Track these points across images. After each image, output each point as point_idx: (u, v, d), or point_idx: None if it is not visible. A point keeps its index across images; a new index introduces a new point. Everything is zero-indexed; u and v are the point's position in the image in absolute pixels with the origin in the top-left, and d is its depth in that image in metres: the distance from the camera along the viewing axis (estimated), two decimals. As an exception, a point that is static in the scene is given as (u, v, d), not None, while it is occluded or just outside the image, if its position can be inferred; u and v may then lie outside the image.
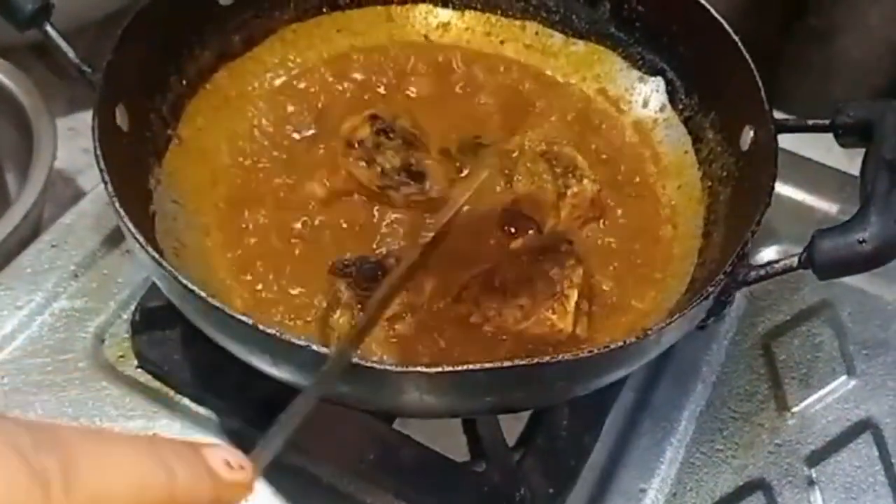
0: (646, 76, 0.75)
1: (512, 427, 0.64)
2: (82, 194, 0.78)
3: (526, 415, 0.66)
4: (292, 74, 0.75)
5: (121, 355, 0.68)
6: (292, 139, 0.71)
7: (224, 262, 0.63)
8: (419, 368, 0.48)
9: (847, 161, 0.72)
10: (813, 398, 0.71)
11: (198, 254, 0.63)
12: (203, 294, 0.49)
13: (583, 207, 0.67)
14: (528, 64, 0.78)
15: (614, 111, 0.75)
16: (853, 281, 0.75)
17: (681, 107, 0.72)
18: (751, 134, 0.63)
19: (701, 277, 0.62)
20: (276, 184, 0.68)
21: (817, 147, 0.77)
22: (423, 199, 0.67)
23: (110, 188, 0.54)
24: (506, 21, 0.79)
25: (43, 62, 0.89)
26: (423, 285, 0.61)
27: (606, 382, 0.55)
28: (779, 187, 0.59)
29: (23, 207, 0.72)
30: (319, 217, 0.66)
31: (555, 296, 0.60)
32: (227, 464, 0.25)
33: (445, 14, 0.80)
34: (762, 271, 0.55)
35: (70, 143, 0.83)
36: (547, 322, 0.60)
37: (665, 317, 0.56)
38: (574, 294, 0.60)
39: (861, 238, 0.51)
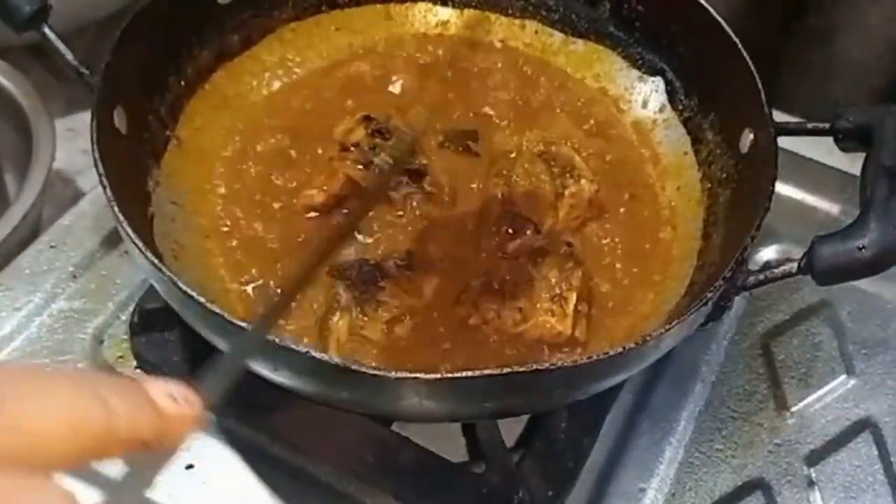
0: (645, 76, 0.75)
1: (511, 429, 0.64)
2: (81, 195, 0.78)
3: (525, 417, 0.66)
4: (291, 74, 0.75)
5: (119, 356, 0.68)
6: (291, 139, 0.71)
7: (223, 264, 0.63)
8: (418, 375, 0.48)
9: (848, 161, 0.72)
10: (812, 398, 0.71)
11: (196, 255, 0.63)
12: (201, 299, 0.49)
13: (581, 208, 0.67)
14: (528, 63, 0.78)
15: (614, 111, 0.75)
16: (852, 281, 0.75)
17: (680, 107, 0.72)
18: (750, 137, 0.63)
19: (700, 280, 0.62)
20: (276, 185, 0.67)
21: (818, 147, 0.77)
22: (422, 197, 0.66)
23: (109, 193, 0.54)
24: (505, 20, 0.79)
25: (41, 63, 0.89)
26: (423, 288, 0.61)
27: (605, 387, 0.55)
28: (779, 187, 0.59)
29: (21, 208, 0.72)
30: (318, 219, 0.66)
31: (553, 298, 0.60)
32: (171, 397, 0.24)
33: (444, 12, 0.80)
34: (761, 276, 0.55)
35: (69, 144, 0.83)
36: (546, 324, 0.60)
37: (664, 319, 0.57)
38: (573, 296, 0.60)
39: (861, 245, 0.51)
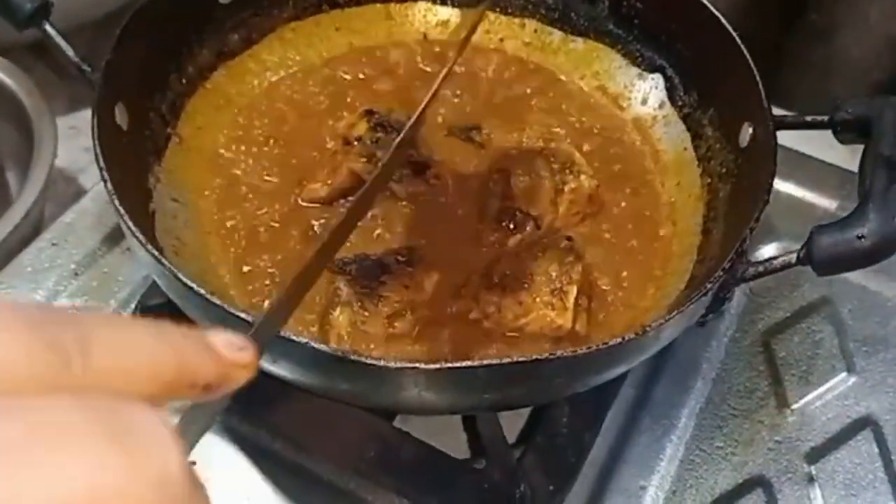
0: (645, 73, 0.75)
1: (512, 424, 0.64)
2: (83, 193, 0.78)
3: (526, 412, 0.66)
4: (292, 72, 0.75)
5: (121, 354, 0.68)
6: (292, 137, 0.71)
7: (224, 260, 0.64)
8: (418, 365, 0.48)
9: (847, 158, 0.72)
10: (813, 395, 0.71)
11: (197, 251, 0.63)
12: (203, 291, 0.50)
13: (581, 203, 0.67)
14: (528, 61, 0.78)
15: (613, 108, 0.76)
16: (853, 277, 0.75)
17: (680, 104, 0.73)
18: (750, 131, 0.63)
19: (700, 274, 0.62)
20: (277, 182, 0.68)
21: (818, 144, 0.77)
22: (426, 190, 0.67)
23: (110, 186, 0.54)
24: (505, 18, 0.79)
25: (43, 61, 0.89)
26: (423, 283, 0.61)
27: (606, 379, 0.55)
28: (778, 184, 0.59)
29: (23, 206, 0.72)
30: (320, 214, 0.66)
31: (554, 292, 0.60)
32: (230, 345, 0.26)
33: (444, 12, 0.80)
34: (761, 268, 0.55)
35: (71, 142, 0.83)
36: (546, 318, 0.60)
37: (664, 313, 0.57)
38: (573, 290, 0.60)
39: (860, 234, 0.51)
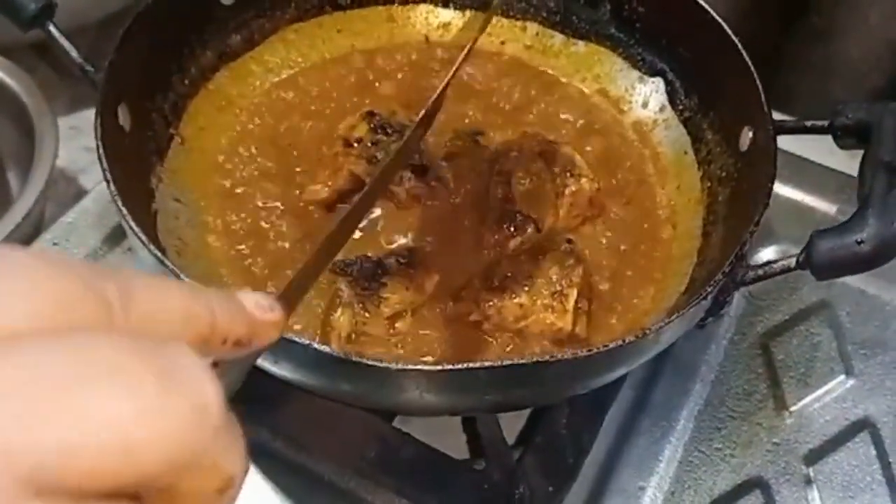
0: (646, 77, 0.75)
1: (511, 425, 0.65)
2: (84, 193, 0.79)
3: (525, 413, 0.66)
4: (294, 74, 0.76)
5: (122, 353, 0.68)
6: (294, 139, 0.71)
7: (226, 260, 0.64)
8: (420, 367, 0.48)
9: (846, 162, 0.72)
10: (811, 397, 0.72)
11: (199, 252, 0.63)
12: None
13: (581, 206, 0.68)
14: (529, 64, 0.79)
15: (614, 111, 0.76)
16: (852, 281, 0.76)
17: (680, 107, 0.73)
18: (750, 135, 0.64)
19: (700, 277, 0.62)
20: (278, 183, 0.68)
21: (818, 148, 0.77)
22: (427, 192, 0.67)
23: (113, 187, 0.54)
24: (506, 21, 0.80)
25: (45, 61, 0.89)
26: (424, 284, 0.62)
27: (606, 381, 0.55)
28: (778, 188, 0.59)
29: (24, 206, 0.72)
30: (321, 215, 0.66)
31: (554, 295, 0.60)
32: (260, 305, 0.28)
33: (446, 14, 0.80)
34: (760, 271, 0.55)
35: (72, 143, 0.83)
36: (546, 321, 0.60)
37: (664, 316, 0.57)
38: (573, 293, 0.61)
39: (859, 239, 0.51)
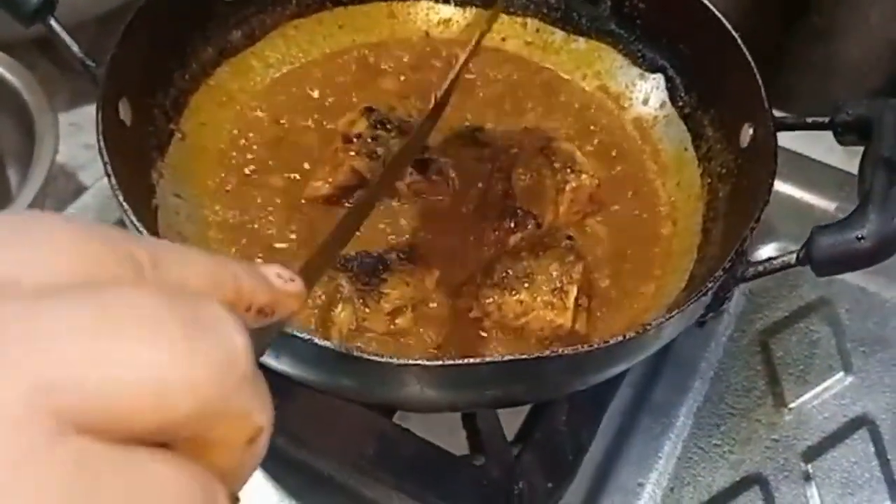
0: (646, 73, 0.75)
1: (511, 422, 0.65)
2: (83, 189, 0.79)
3: (525, 409, 0.66)
4: (294, 70, 0.76)
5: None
6: (294, 134, 0.71)
7: (226, 256, 0.64)
8: (420, 362, 0.48)
9: (846, 159, 0.72)
10: (810, 394, 0.72)
11: (200, 247, 0.63)
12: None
13: (581, 202, 0.68)
14: (529, 60, 0.79)
15: (614, 107, 0.76)
16: (851, 278, 0.76)
17: (681, 104, 0.73)
18: (750, 131, 0.64)
19: (700, 274, 0.62)
20: (279, 179, 0.68)
21: (817, 146, 0.78)
22: (427, 187, 0.67)
23: (114, 181, 0.54)
24: (507, 17, 0.80)
25: (46, 57, 0.89)
26: (424, 280, 0.62)
27: (606, 377, 0.55)
28: (778, 185, 0.59)
29: (24, 202, 0.72)
30: (321, 211, 0.66)
31: (554, 291, 0.60)
32: (280, 276, 0.29)
33: (447, 10, 0.80)
34: (760, 268, 0.55)
35: (72, 139, 0.83)
36: (546, 317, 0.60)
37: (664, 313, 0.57)
38: (574, 290, 0.61)
39: (859, 235, 0.51)
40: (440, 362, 0.48)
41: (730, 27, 0.66)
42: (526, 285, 0.60)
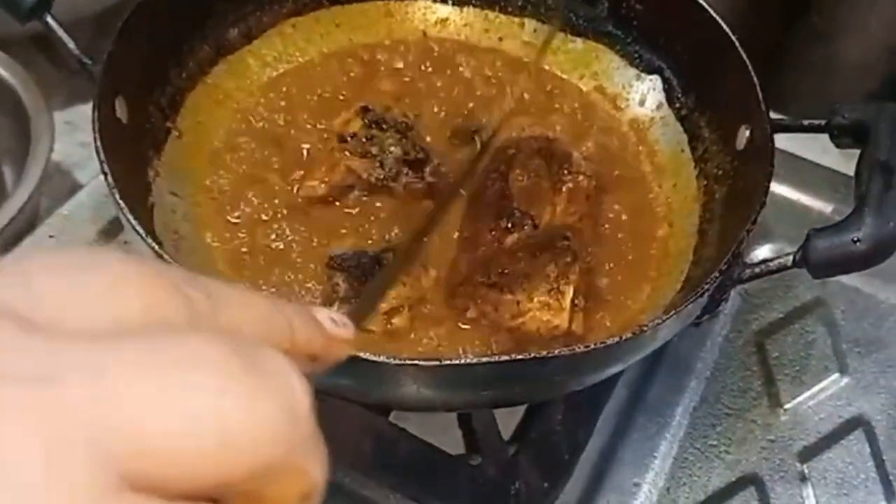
0: (643, 74, 0.75)
1: (507, 421, 0.65)
2: (79, 187, 0.78)
3: (521, 409, 0.66)
4: (291, 68, 0.76)
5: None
6: (291, 133, 0.71)
7: (222, 254, 0.64)
8: (417, 361, 0.48)
9: (842, 161, 0.72)
10: (805, 395, 0.72)
11: (196, 246, 0.63)
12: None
13: (578, 203, 0.68)
14: (526, 61, 0.79)
15: (611, 108, 0.76)
16: (847, 279, 0.76)
17: (677, 105, 0.73)
18: (747, 133, 0.64)
19: (696, 275, 0.62)
20: (275, 178, 0.68)
21: (813, 147, 0.78)
22: (423, 187, 0.67)
23: (110, 179, 0.54)
24: (504, 18, 0.80)
25: (42, 55, 0.89)
26: (421, 280, 0.62)
27: (602, 377, 0.56)
28: (774, 187, 0.59)
29: (19, 200, 0.72)
30: (318, 211, 0.66)
31: (551, 292, 0.60)
32: (333, 321, 0.28)
33: (444, 10, 0.80)
34: (757, 269, 0.55)
35: (67, 137, 0.83)
36: (543, 318, 0.60)
37: (660, 314, 0.57)
38: (570, 290, 0.61)
39: (856, 237, 0.51)
40: (436, 362, 0.48)
41: (727, 29, 0.66)
42: (522, 286, 0.60)
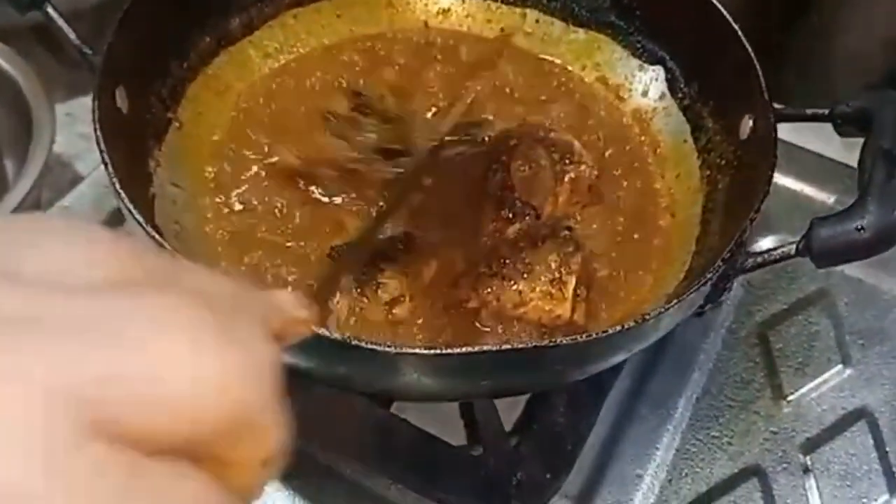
0: (646, 65, 0.75)
1: (509, 412, 0.65)
2: (80, 179, 0.78)
3: (523, 400, 0.66)
4: (292, 59, 0.75)
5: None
6: (292, 124, 0.71)
7: (222, 244, 0.64)
8: (417, 350, 0.48)
9: (845, 152, 0.72)
10: (808, 387, 0.72)
11: (197, 236, 0.63)
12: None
13: (580, 193, 0.68)
14: (529, 51, 0.78)
15: (614, 99, 0.76)
16: (850, 270, 0.76)
17: (680, 95, 0.73)
18: (750, 123, 0.64)
19: (698, 266, 0.62)
20: (276, 168, 0.67)
21: (815, 138, 0.77)
22: (392, 178, 0.66)
23: (110, 170, 0.54)
24: (506, 8, 0.79)
25: (42, 47, 0.89)
26: (422, 270, 0.62)
27: (604, 367, 0.55)
28: (776, 177, 0.59)
29: (21, 191, 0.72)
30: (320, 202, 0.66)
31: (553, 282, 0.60)
32: (293, 302, 0.28)
33: (446, 0, 0.80)
34: (760, 258, 0.55)
35: (68, 129, 0.83)
36: (545, 308, 0.60)
37: (663, 303, 0.57)
38: (572, 280, 0.60)
39: (859, 226, 0.51)
40: (437, 351, 0.48)
41: (730, 19, 0.66)
42: (524, 276, 0.60)
